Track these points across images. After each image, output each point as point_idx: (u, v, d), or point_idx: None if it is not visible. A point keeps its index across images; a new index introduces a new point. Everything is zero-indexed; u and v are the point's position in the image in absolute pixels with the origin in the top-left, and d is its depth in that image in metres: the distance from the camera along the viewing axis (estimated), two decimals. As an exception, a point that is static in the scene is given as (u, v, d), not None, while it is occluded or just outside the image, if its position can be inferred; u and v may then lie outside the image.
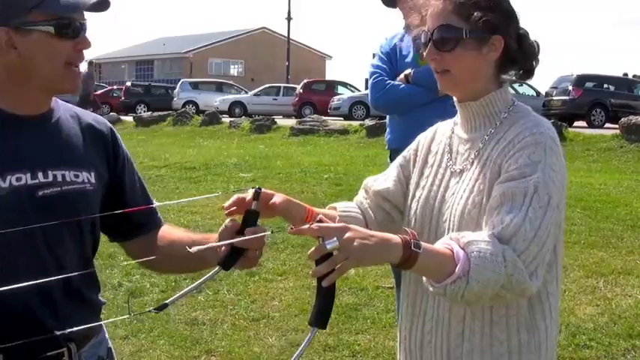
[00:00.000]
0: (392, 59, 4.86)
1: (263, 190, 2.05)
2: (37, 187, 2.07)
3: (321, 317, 1.84)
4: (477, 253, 1.87)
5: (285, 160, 14.90)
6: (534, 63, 2.20)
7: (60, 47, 2.08)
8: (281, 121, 24.29)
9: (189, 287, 2.07)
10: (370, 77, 4.89)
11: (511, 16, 2.14)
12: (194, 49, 70.71)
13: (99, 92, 40.33)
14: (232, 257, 1.99)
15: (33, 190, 2.06)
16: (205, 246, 1.92)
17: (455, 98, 2.23)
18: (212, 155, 16.11)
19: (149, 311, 1.84)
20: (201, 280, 2.04)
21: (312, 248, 1.80)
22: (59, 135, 2.21)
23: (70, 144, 2.22)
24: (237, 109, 36.98)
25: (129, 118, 27.67)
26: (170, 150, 17.62)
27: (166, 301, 1.83)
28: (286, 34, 58.89)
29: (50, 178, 2.11)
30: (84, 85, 27.21)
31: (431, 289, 1.92)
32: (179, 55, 70.91)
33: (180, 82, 41.55)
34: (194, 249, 1.87)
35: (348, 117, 30.26)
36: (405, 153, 2.39)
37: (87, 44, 2.14)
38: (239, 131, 22.56)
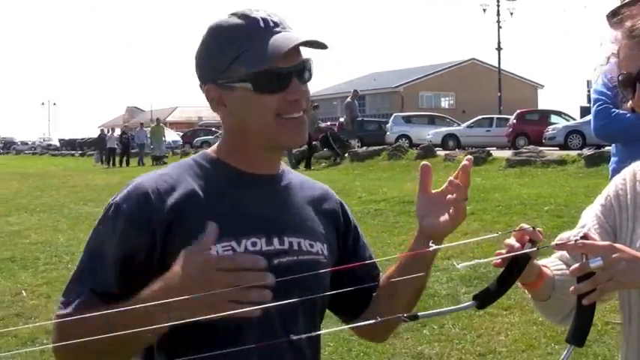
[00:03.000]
0: None
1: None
2: (273, 254, 1.86)
3: (579, 334, 1.79)
4: None
5: (503, 192, 14.71)
6: None
7: (264, 102, 1.86)
8: (496, 152, 24.02)
9: (441, 310, 2.01)
10: (593, 104, 4.74)
11: None
12: (404, 83, 71.46)
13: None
14: (491, 296, 1.84)
15: (268, 257, 1.72)
16: (473, 262, 1.77)
17: None
18: (428, 189, 16.14)
19: (398, 317, 1.74)
20: (454, 307, 1.92)
21: (575, 265, 1.73)
22: (292, 200, 2.02)
23: (303, 212, 2.03)
24: (450, 141, 36.94)
25: (344, 154, 28.36)
26: (387, 184, 17.85)
27: (418, 313, 1.77)
28: (496, 65, 58.35)
29: (286, 246, 1.91)
30: (349, 111, 30.56)
31: None
32: (390, 89, 71.90)
33: (392, 117, 41.99)
34: (462, 265, 1.75)
35: (563, 147, 29.37)
36: (601, 201, 2.18)
37: (297, 94, 1.88)
38: (455, 164, 22.50)
